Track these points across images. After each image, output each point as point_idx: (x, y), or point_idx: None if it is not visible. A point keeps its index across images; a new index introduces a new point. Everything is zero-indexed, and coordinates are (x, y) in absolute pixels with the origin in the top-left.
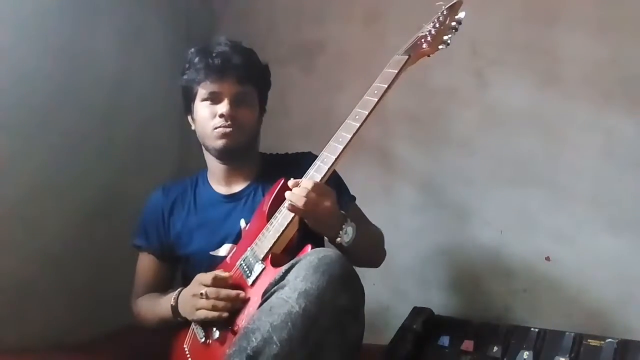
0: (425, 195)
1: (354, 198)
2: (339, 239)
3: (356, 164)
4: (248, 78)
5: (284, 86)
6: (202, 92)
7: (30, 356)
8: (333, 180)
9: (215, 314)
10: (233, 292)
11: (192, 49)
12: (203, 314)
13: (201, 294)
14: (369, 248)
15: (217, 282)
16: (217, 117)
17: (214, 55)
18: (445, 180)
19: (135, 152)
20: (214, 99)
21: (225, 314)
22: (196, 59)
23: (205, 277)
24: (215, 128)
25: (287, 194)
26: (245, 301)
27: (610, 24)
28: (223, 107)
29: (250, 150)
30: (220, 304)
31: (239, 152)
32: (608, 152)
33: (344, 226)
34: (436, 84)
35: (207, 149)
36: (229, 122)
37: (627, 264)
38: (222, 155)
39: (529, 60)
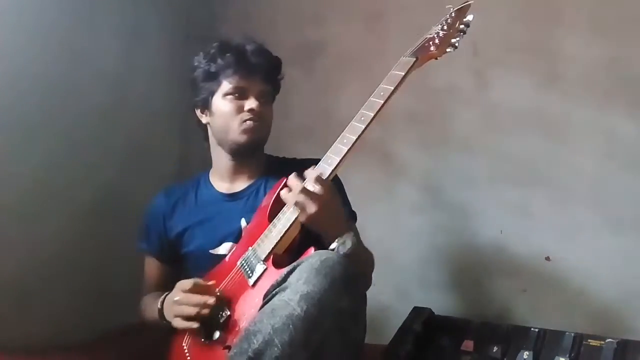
0: (425, 195)
1: (354, 216)
2: (334, 245)
3: (357, 164)
4: (271, 78)
5: (284, 87)
6: (227, 86)
7: (31, 356)
8: (338, 187)
9: (186, 324)
10: (202, 298)
11: (216, 43)
12: (177, 322)
13: (175, 300)
14: (362, 269)
15: (195, 290)
16: (245, 112)
17: (245, 51)
18: (445, 180)
19: (135, 151)
20: (240, 94)
21: (195, 325)
22: (226, 53)
23: (184, 283)
24: (243, 121)
25: (299, 197)
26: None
27: (610, 24)
28: (252, 102)
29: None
30: (188, 309)
31: (257, 147)
32: (608, 152)
33: (345, 236)
34: (437, 84)
35: (223, 144)
36: (257, 117)
37: (627, 263)
38: (242, 149)
39: (530, 60)
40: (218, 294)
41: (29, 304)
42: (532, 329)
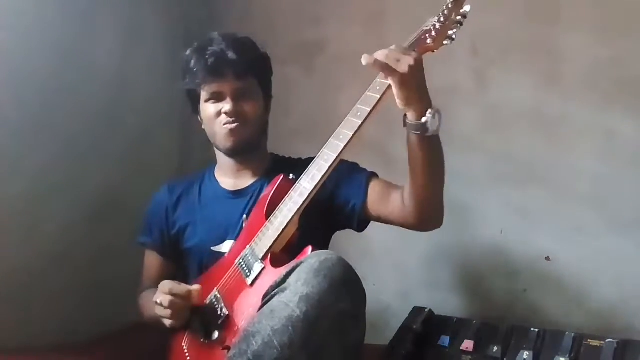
0: None
1: (375, 173)
2: (425, 119)
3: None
4: (246, 71)
5: (284, 86)
6: (204, 93)
7: (31, 356)
8: (346, 167)
9: (169, 322)
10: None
11: (188, 51)
12: (168, 323)
13: (155, 301)
14: (442, 171)
15: (174, 293)
16: (222, 115)
17: (208, 55)
18: (445, 180)
19: (135, 152)
20: (217, 97)
21: (175, 323)
22: (192, 62)
23: (164, 284)
24: (223, 125)
25: (390, 57)
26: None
27: (610, 24)
28: (226, 105)
29: (260, 141)
30: (169, 311)
31: (249, 146)
32: (608, 152)
33: (431, 109)
34: (436, 83)
35: (218, 148)
36: (233, 119)
37: (627, 263)
38: (233, 152)
39: (530, 60)
40: (197, 299)
41: (29, 304)
42: (532, 329)
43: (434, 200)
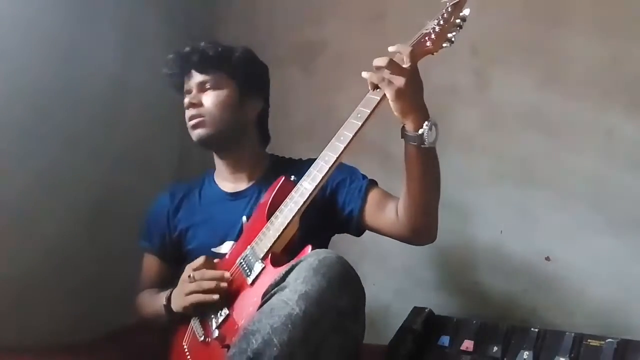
0: None
1: (375, 181)
2: (421, 130)
3: (357, 164)
4: (207, 64)
5: (284, 86)
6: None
7: (30, 356)
8: (347, 171)
9: (205, 296)
10: (218, 272)
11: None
12: (193, 297)
13: (189, 276)
14: (437, 184)
15: (208, 265)
16: (187, 110)
17: (177, 58)
18: (445, 180)
19: (135, 152)
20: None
21: (215, 297)
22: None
23: (195, 262)
24: (188, 120)
25: (386, 72)
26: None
27: (610, 24)
28: (187, 98)
29: (240, 138)
30: (207, 284)
31: (220, 139)
32: (608, 152)
33: (428, 121)
34: (436, 83)
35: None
36: (195, 111)
37: (627, 264)
38: (203, 146)
39: (530, 59)
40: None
41: (28, 303)
42: (532, 329)
43: (427, 214)
